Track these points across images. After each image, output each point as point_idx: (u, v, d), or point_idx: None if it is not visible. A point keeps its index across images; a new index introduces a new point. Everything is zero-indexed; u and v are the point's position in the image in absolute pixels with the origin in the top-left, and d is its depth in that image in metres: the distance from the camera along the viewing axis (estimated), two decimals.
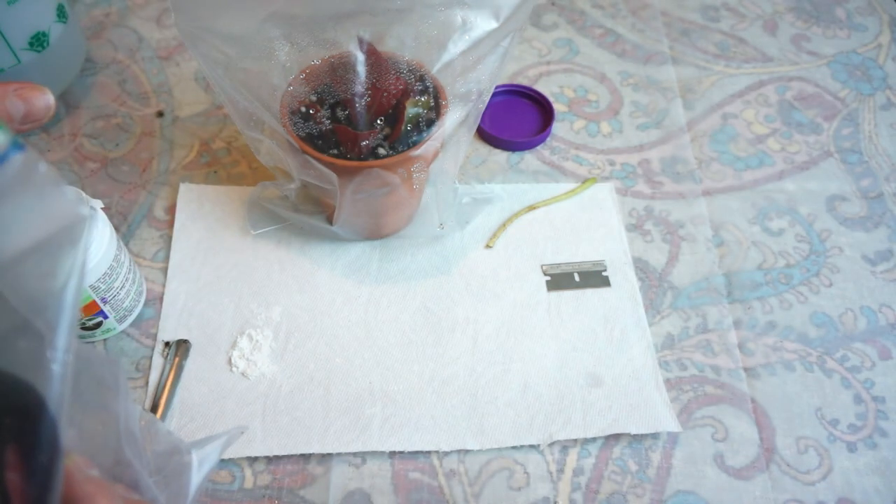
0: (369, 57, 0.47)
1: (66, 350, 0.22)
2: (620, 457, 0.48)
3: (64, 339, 0.22)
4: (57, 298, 0.22)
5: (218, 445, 0.34)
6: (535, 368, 0.51)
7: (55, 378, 0.22)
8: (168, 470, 0.32)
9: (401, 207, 0.54)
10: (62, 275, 0.22)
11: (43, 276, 0.21)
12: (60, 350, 0.22)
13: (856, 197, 0.61)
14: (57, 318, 0.22)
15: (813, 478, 0.47)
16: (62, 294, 0.22)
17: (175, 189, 0.59)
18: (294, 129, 0.48)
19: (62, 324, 0.22)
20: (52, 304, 0.21)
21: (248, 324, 0.52)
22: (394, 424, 0.48)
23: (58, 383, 0.22)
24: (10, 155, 0.21)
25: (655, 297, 0.55)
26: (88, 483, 0.24)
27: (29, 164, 0.21)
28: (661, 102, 0.67)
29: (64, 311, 0.22)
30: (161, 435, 0.33)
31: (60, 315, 0.22)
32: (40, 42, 0.57)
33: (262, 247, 0.56)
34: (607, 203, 0.60)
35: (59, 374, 0.22)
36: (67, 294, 0.22)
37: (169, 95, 0.66)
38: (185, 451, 0.33)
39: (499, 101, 0.66)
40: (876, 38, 0.74)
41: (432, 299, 0.54)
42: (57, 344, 0.21)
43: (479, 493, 0.46)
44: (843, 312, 0.55)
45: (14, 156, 0.21)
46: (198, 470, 0.33)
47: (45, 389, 0.21)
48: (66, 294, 0.22)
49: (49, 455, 0.22)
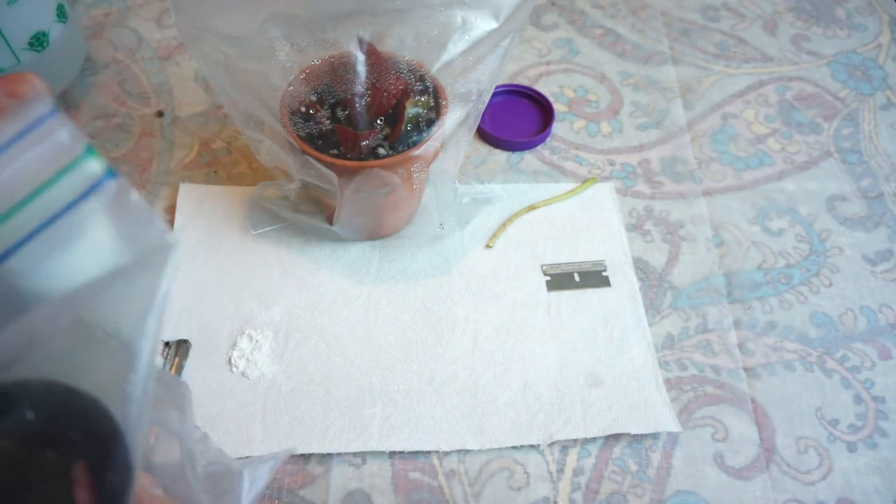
0: (369, 57, 0.47)
1: (146, 375, 0.22)
2: (620, 457, 0.48)
3: (144, 363, 0.22)
4: (140, 323, 0.22)
5: (269, 466, 0.34)
6: (535, 368, 0.51)
7: (134, 401, 0.22)
8: (218, 490, 0.32)
9: (401, 207, 0.54)
10: (146, 300, 0.22)
11: (128, 300, 0.22)
12: (141, 374, 0.22)
13: (856, 197, 0.61)
14: (139, 342, 0.22)
15: (813, 478, 0.47)
16: (145, 319, 0.22)
17: (175, 189, 0.59)
18: (294, 129, 0.48)
19: (143, 348, 0.22)
20: (135, 329, 0.22)
21: (248, 324, 0.52)
22: (394, 424, 0.48)
23: (136, 406, 0.22)
24: (104, 182, 0.21)
25: (655, 297, 0.55)
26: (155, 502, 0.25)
27: (121, 192, 0.22)
28: (661, 102, 0.67)
29: (146, 336, 0.22)
30: (212, 453, 0.33)
31: (142, 339, 0.22)
32: (40, 42, 0.57)
33: (262, 247, 0.56)
34: (607, 203, 0.60)
35: (139, 397, 0.22)
36: (150, 319, 0.22)
37: (169, 95, 0.66)
38: (237, 471, 0.33)
39: (499, 101, 0.66)
40: (876, 38, 0.74)
41: (432, 299, 0.54)
42: (138, 368, 0.22)
43: (479, 493, 0.46)
44: (843, 312, 0.55)
45: (107, 183, 0.21)
46: (248, 491, 0.33)
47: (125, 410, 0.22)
48: (149, 319, 0.22)
49: (122, 475, 0.22)
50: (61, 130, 0.21)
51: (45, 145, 0.21)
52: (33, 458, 0.21)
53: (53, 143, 0.21)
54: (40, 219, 0.21)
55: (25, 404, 0.21)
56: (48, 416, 0.22)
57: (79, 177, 0.21)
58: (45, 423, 0.22)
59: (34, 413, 0.21)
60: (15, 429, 0.21)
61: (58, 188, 0.21)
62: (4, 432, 0.21)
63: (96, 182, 0.21)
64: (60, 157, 0.21)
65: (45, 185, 0.21)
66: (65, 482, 0.21)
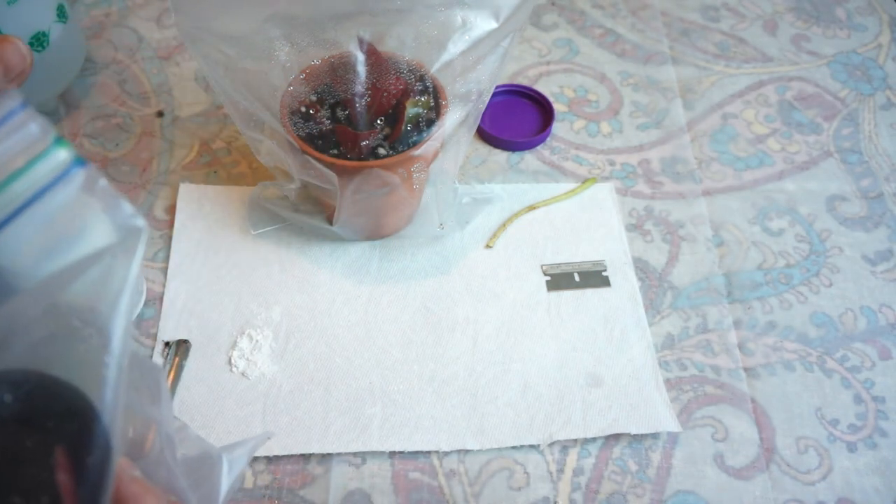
0: (369, 57, 0.47)
1: (120, 355, 0.23)
2: (620, 457, 0.48)
3: (119, 344, 0.23)
4: (113, 305, 0.23)
5: (247, 450, 0.35)
6: (535, 368, 0.51)
7: (109, 382, 0.23)
8: (198, 474, 0.33)
9: (401, 207, 0.54)
10: (118, 283, 0.23)
11: (101, 283, 0.23)
12: (115, 355, 0.23)
13: (856, 197, 0.61)
14: (113, 324, 0.23)
15: (813, 478, 0.47)
16: (118, 301, 0.23)
17: (175, 189, 0.59)
18: (294, 129, 0.48)
19: (117, 329, 0.23)
20: (109, 311, 0.23)
21: (248, 324, 0.52)
22: (394, 424, 0.48)
23: (112, 387, 0.23)
24: (72, 170, 0.22)
25: (655, 297, 0.55)
26: (134, 483, 0.25)
27: (90, 179, 0.23)
28: (661, 102, 0.67)
29: (119, 317, 0.23)
30: (191, 439, 0.34)
31: (115, 321, 0.23)
32: (40, 42, 0.57)
33: (262, 247, 0.56)
34: (607, 203, 0.60)
35: (114, 378, 0.23)
36: (122, 301, 0.23)
37: (169, 95, 0.66)
38: (216, 455, 0.34)
39: (499, 101, 0.66)
40: (876, 38, 0.74)
41: (432, 299, 0.54)
42: (112, 349, 0.23)
43: (479, 493, 0.46)
44: (843, 312, 0.55)
45: (76, 171, 0.23)
46: (228, 474, 0.33)
47: (101, 392, 0.23)
48: (121, 301, 0.23)
49: (101, 457, 0.23)
50: (31, 123, 0.22)
51: (15, 137, 0.22)
52: (13, 443, 0.22)
53: (24, 135, 0.22)
54: (11, 207, 0.22)
55: (3, 389, 0.22)
56: (25, 402, 0.22)
57: (48, 166, 0.22)
58: (22, 409, 0.22)
59: (11, 397, 0.22)
60: None
61: (28, 177, 0.22)
62: None
63: (65, 170, 0.22)
64: (31, 147, 0.22)
65: (17, 174, 0.22)
66: (46, 467, 0.22)
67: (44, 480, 0.22)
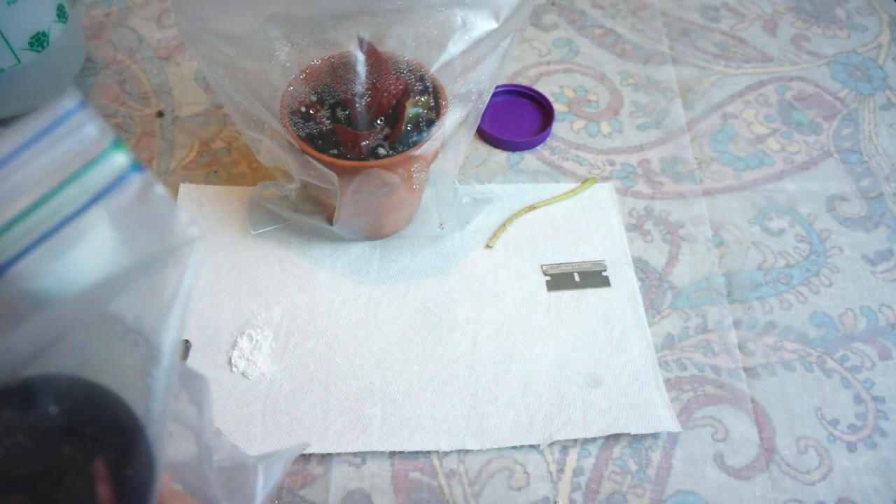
0: (369, 57, 0.47)
1: (168, 370, 0.22)
2: (620, 457, 0.48)
3: (168, 357, 0.22)
4: (163, 317, 0.22)
5: (283, 461, 0.34)
6: (535, 368, 0.51)
7: (157, 395, 0.22)
8: (233, 483, 0.32)
9: (401, 207, 0.54)
10: (170, 293, 0.22)
11: (152, 293, 0.22)
12: (164, 368, 0.22)
13: (856, 197, 0.61)
14: (162, 337, 0.22)
15: (813, 478, 0.47)
16: (168, 312, 0.22)
17: (175, 189, 0.59)
18: (294, 129, 0.48)
19: (166, 343, 0.22)
20: (158, 322, 0.22)
21: (248, 324, 0.52)
22: (394, 424, 0.48)
23: (158, 401, 0.22)
24: (129, 175, 0.22)
25: (655, 297, 0.55)
26: (175, 498, 0.25)
27: (146, 185, 0.22)
28: (661, 102, 0.67)
29: (168, 331, 0.22)
30: (226, 449, 0.33)
31: (165, 334, 0.22)
32: (40, 42, 0.57)
33: (262, 247, 0.56)
34: (607, 203, 0.60)
35: (161, 392, 0.22)
36: (173, 313, 0.22)
37: (169, 95, 0.66)
38: (252, 466, 0.33)
39: (499, 101, 0.66)
40: (876, 38, 0.74)
41: (432, 299, 0.54)
42: (162, 362, 0.22)
43: (479, 493, 0.46)
44: (843, 312, 0.55)
45: (133, 176, 0.22)
46: (263, 486, 0.33)
47: (148, 406, 0.22)
48: (173, 312, 0.22)
49: (146, 471, 0.22)
50: (89, 124, 0.22)
51: (72, 139, 0.21)
52: (54, 452, 0.21)
53: (81, 137, 0.21)
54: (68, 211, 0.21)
55: (48, 399, 0.22)
56: (70, 411, 0.22)
57: (105, 170, 0.22)
58: (66, 418, 0.22)
59: (57, 408, 0.22)
60: (37, 423, 0.21)
61: (84, 181, 0.21)
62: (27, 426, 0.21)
63: (122, 175, 0.22)
64: (88, 150, 0.21)
65: (73, 178, 0.21)
66: (85, 477, 0.21)
67: (83, 491, 0.21)
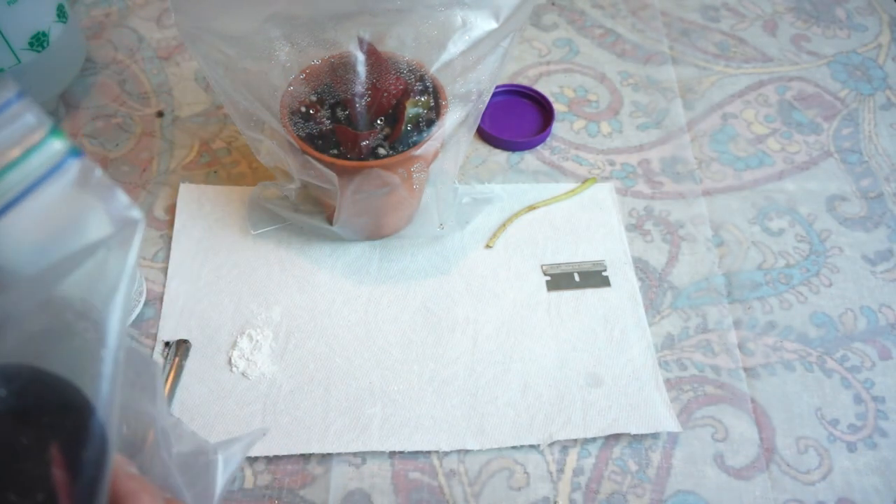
0: (369, 57, 0.47)
1: (116, 349, 0.23)
2: (620, 457, 0.48)
3: (115, 338, 0.23)
4: (109, 298, 0.22)
5: (242, 446, 0.35)
6: (535, 368, 0.51)
7: (105, 376, 0.22)
8: (193, 471, 0.32)
9: (401, 207, 0.54)
10: (114, 276, 0.23)
11: (96, 276, 0.22)
12: (111, 349, 0.22)
13: (856, 197, 0.61)
14: (109, 318, 0.22)
15: (813, 478, 0.47)
16: (114, 294, 0.23)
17: (175, 189, 0.59)
18: (294, 129, 0.48)
19: (113, 323, 0.22)
20: (104, 304, 0.22)
21: (248, 324, 0.52)
22: (394, 424, 0.48)
23: (107, 381, 0.22)
24: (67, 161, 0.22)
25: (655, 297, 0.55)
26: (131, 480, 0.25)
27: (85, 170, 0.22)
28: (661, 102, 0.67)
29: (115, 311, 0.23)
30: (186, 436, 0.34)
31: (111, 315, 0.22)
32: (40, 42, 0.57)
33: (262, 247, 0.56)
34: (607, 203, 0.60)
35: (110, 372, 0.22)
36: (118, 294, 0.23)
37: (169, 95, 0.66)
38: (211, 451, 0.33)
39: (499, 101, 0.66)
40: (876, 38, 0.74)
41: (432, 299, 0.54)
42: (108, 343, 0.22)
43: (479, 493, 0.46)
44: (843, 312, 0.55)
45: (71, 161, 0.22)
46: (223, 471, 0.33)
47: (97, 388, 0.22)
48: (118, 294, 0.23)
49: (97, 452, 0.22)
50: (27, 113, 0.22)
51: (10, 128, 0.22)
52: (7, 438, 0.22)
53: (19, 126, 0.22)
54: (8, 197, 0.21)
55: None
56: (20, 397, 0.22)
57: (44, 156, 0.22)
58: (17, 403, 0.22)
59: (6, 391, 0.22)
60: None
61: (23, 168, 0.22)
62: None
63: (60, 161, 0.22)
64: (26, 138, 0.22)
65: (12, 165, 0.21)
66: (41, 462, 0.21)
67: (39, 476, 0.21)
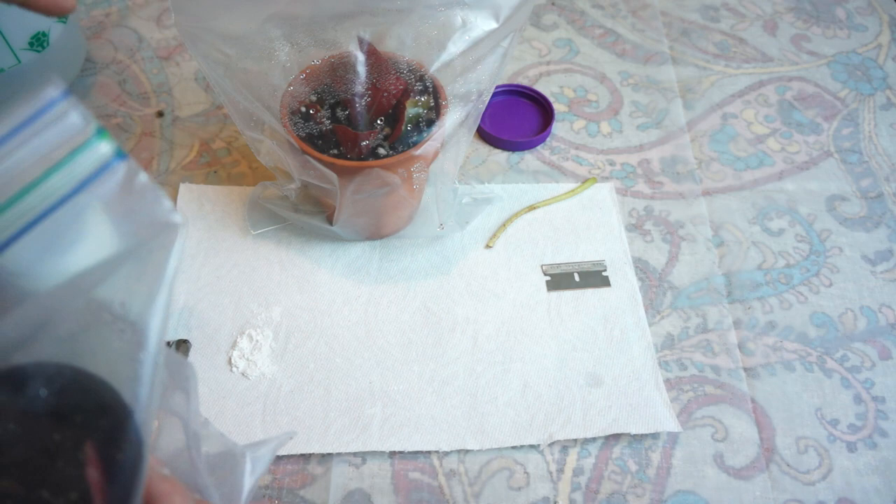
0: (369, 57, 0.47)
1: (156, 353, 0.23)
2: (620, 457, 0.48)
3: (155, 341, 0.23)
4: (149, 303, 0.23)
5: (270, 448, 0.35)
6: (535, 368, 0.51)
7: (144, 379, 0.23)
8: (221, 472, 0.33)
9: (401, 207, 0.54)
10: (155, 279, 0.23)
11: (137, 279, 0.23)
12: (150, 352, 0.23)
13: (856, 197, 0.61)
14: (148, 322, 0.23)
15: (813, 478, 0.47)
16: (154, 298, 0.23)
17: (175, 189, 0.59)
18: (294, 129, 0.48)
19: (153, 326, 0.23)
20: (144, 307, 0.23)
21: (248, 324, 0.52)
22: (394, 424, 0.48)
23: (146, 385, 0.23)
24: (113, 163, 0.22)
25: (655, 297, 0.55)
26: (164, 482, 0.25)
27: (130, 173, 0.22)
28: (661, 102, 0.67)
29: (155, 315, 0.23)
30: (214, 437, 0.34)
31: (151, 319, 0.23)
32: (40, 42, 0.57)
33: (262, 247, 0.56)
34: (607, 203, 0.60)
35: (149, 375, 0.23)
36: (159, 298, 0.23)
37: (169, 95, 0.66)
38: (239, 453, 0.33)
39: (499, 101, 0.66)
40: (876, 38, 0.74)
41: (432, 299, 0.54)
42: (148, 346, 0.23)
43: (479, 493, 0.46)
44: (843, 312, 0.55)
45: (117, 164, 0.22)
46: (251, 473, 0.33)
47: (135, 390, 0.23)
48: (158, 298, 0.23)
49: (133, 455, 0.23)
50: (73, 113, 0.22)
51: (57, 128, 0.21)
52: (44, 437, 0.22)
53: (65, 126, 0.22)
54: (53, 199, 0.21)
55: (37, 384, 0.22)
56: (59, 397, 0.22)
57: (90, 158, 0.22)
58: (55, 403, 0.22)
59: (46, 393, 0.22)
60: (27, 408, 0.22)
61: (70, 169, 0.22)
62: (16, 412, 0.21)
63: (106, 163, 0.22)
64: (72, 139, 0.22)
65: (58, 166, 0.21)
66: (75, 461, 0.22)
67: (73, 476, 0.21)
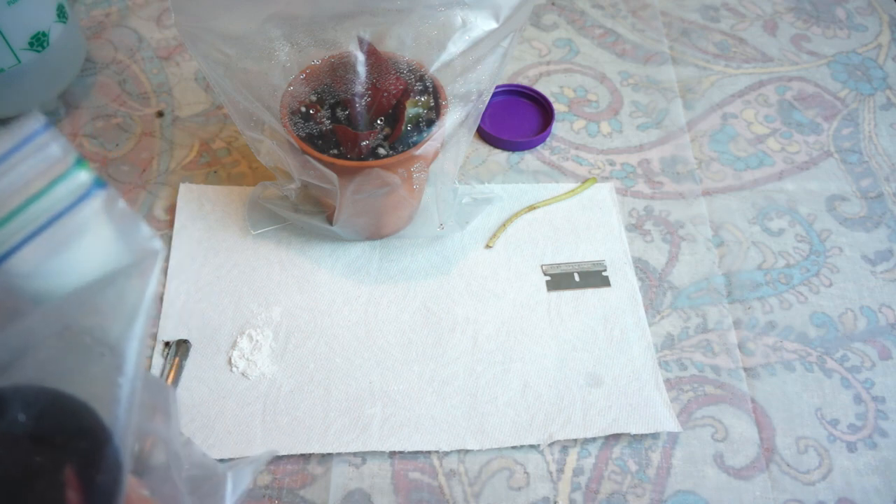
0: (369, 57, 0.47)
1: (133, 376, 0.23)
2: (620, 457, 0.48)
3: (132, 365, 0.23)
4: (127, 326, 0.23)
5: (251, 468, 0.36)
6: (535, 368, 0.51)
7: (122, 402, 0.23)
8: (202, 491, 0.33)
9: (401, 207, 0.54)
10: (133, 304, 0.23)
11: (116, 304, 0.23)
12: (129, 376, 0.23)
13: (856, 197, 0.61)
14: (127, 345, 0.23)
15: (813, 478, 0.47)
16: (132, 322, 0.23)
17: (175, 189, 0.59)
18: (294, 129, 0.48)
19: (131, 350, 0.23)
20: (123, 332, 0.23)
21: (248, 324, 0.52)
22: (394, 424, 0.48)
23: (124, 407, 0.23)
24: (92, 192, 0.23)
25: (655, 297, 0.55)
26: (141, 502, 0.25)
27: (109, 201, 0.23)
28: (661, 102, 0.67)
29: (134, 339, 0.23)
30: (196, 456, 0.34)
31: (130, 342, 0.23)
32: (40, 42, 0.57)
33: (262, 247, 0.56)
34: (607, 203, 0.60)
35: (127, 398, 0.23)
36: (137, 322, 0.23)
37: (169, 95, 0.66)
38: (221, 473, 0.34)
39: (499, 101, 0.66)
40: (876, 38, 0.74)
41: (432, 299, 0.54)
42: (127, 370, 0.23)
43: (479, 493, 0.46)
44: (843, 312, 0.55)
45: (96, 192, 0.23)
46: (232, 492, 0.34)
47: (113, 412, 0.23)
48: (136, 322, 0.23)
49: (112, 476, 0.23)
50: (53, 144, 0.22)
51: (37, 158, 0.22)
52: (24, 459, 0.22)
53: (45, 156, 0.22)
54: (33, 227, 0.22)
55: (16, 408, 0.22)
56: (38, 419, 0.22)
57: (69, 187, 0.23)
58: (35, 426, 0.22)
59: (25, 416, 0.22)
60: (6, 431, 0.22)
61: (49, 198, 0.22)
62: None
63: (86, 192, 0.23)
64: (52, 168, 0.22)
65: (38, 195, 0.22)
66: (55, 483, 0.22)
67: (53, 498, 0.22)
